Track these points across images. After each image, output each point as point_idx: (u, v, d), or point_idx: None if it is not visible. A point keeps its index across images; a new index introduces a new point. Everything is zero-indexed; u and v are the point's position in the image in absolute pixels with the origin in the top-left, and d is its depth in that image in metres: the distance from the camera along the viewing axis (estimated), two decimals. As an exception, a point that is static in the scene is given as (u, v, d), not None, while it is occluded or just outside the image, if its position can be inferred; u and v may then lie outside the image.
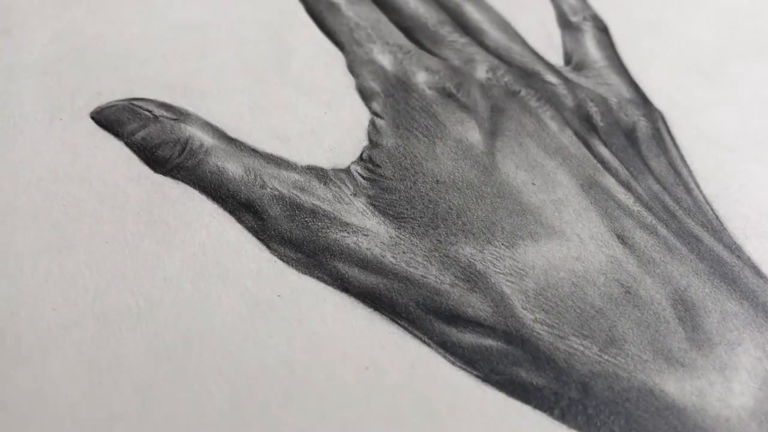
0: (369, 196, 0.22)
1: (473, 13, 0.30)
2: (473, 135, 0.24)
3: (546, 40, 0.29)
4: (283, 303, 0.20)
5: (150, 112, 0.24)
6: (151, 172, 0.22)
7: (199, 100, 0.25)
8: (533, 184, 0.23)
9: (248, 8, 0.29)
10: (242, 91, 0.25)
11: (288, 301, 0.20)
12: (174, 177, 0.22)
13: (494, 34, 0.29)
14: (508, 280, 0.20)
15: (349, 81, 0.26)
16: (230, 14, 0.28)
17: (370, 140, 0.24)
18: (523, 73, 0.27)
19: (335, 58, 0.27)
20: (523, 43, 0.29)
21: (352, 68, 0.27)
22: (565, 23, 0.30)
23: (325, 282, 0.20)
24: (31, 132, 0.23)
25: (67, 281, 0.19)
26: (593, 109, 0.26)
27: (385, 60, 0.26)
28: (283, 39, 0.27)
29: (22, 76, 0.25)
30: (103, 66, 0.25)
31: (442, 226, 0.21)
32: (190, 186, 0.22)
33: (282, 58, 0.26)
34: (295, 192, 0.22)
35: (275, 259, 0.21)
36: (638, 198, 0.23)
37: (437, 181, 0.23)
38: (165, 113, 0.24)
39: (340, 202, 0.22)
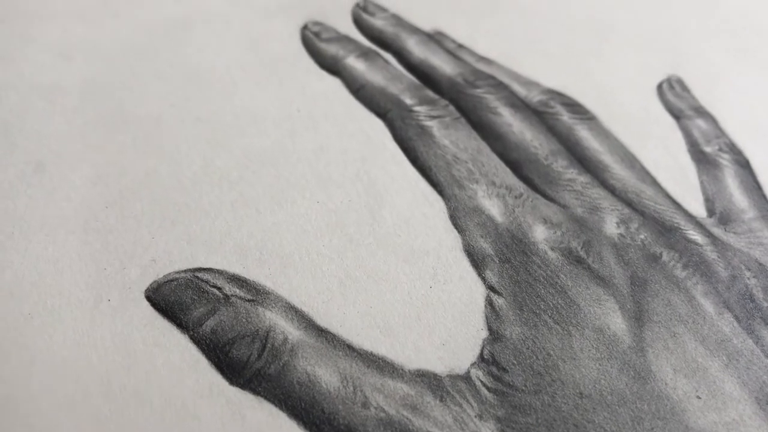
0: (499, 419, 0.17)
1: (590, 140, 0.25)
2: (615, 321, 0.19)
3: (679, 175, 0.24)
4: None
5: (219, 289, 0.19)
6: (226, 382, 0.18)
7: (278, 269, 0.20)
8: (698, 397, 0.18)
9: (328, 130, 0.24)
10: (330, 257, 0.20)
11: None
12: (254, 391, 0.18)
13: (619, 171, 0.24)
14: None
15: (454, 239, 0.21)
16: (309, 141, 0.23)
17: (490, 329, 0.19)
18: (662, 227, 0.22)
19: (434, 205, 0.22)
20: (654, 182, 0.24)
21: (455, 220, 0.22)
22: (698, 155, 0.25)
23: None
24: (73, 320, 0.18)
25: None
26: (751, 282, 0.21)
27: (494, 208, 0.22)
28: (372, 178, 0.23)
29: (60, 235, 0.20)
30: (158, 219, 0.21)
31: (596, 467, 0.17)
32: (275, 405, 0.17)
33: (373, 206, 0.22)
34: (405, 414, 0.17)
35: None
36: (829, 418, 0.18)
37: (581, 394, 0.18)
38: (238, 291, 0.19)
39: (463, 429, 0.17)
